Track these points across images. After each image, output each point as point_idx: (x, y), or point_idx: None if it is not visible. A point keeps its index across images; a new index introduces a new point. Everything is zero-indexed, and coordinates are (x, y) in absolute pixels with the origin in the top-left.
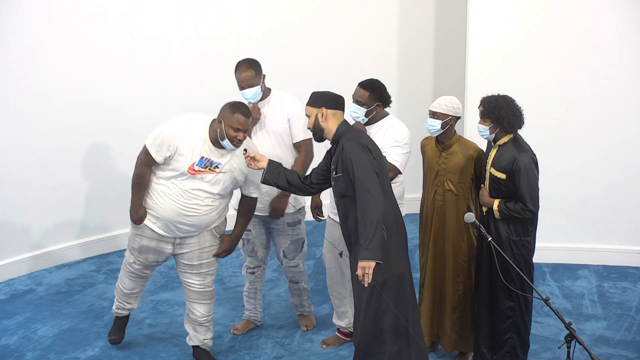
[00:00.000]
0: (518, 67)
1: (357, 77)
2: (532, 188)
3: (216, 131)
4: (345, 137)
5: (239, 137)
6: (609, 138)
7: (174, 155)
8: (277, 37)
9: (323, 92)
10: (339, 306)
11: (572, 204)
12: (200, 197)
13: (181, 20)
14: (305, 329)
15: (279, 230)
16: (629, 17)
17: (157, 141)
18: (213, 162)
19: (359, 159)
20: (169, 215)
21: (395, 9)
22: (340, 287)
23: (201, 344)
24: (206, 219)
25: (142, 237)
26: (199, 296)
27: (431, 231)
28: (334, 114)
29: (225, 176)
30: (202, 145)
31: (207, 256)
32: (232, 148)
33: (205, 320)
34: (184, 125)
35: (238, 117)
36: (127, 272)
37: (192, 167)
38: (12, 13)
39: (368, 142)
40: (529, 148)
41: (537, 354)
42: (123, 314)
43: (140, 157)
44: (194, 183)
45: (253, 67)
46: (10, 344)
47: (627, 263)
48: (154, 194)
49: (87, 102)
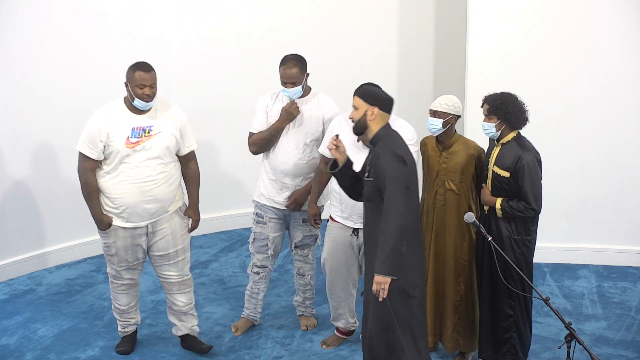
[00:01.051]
0: (518, 67)
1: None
2: (536, 187)
3: (128, 97)
4: (382, 142)
5: (146, 92)
6: (609, 138)
7: (107, 141)
8: (277, 37)
9: (378, 90)
10: (336, 308)
11: (572, 204)
12: (151, 166)
13: (181, 20)
14: (305, 329)
15: (295, 223)
16: (629, 17)
17: (86, 141)
18: (145, 128)
19: (393, 172)
20: (133, 199)
21: (395, 9)
22: (340, 290)
23: (190, 331)
24: (166, 190)
25: (115, 240)
26: (180, 286)
27: (432, 231)
28: (382, 116)
29: (162, 135)
30: (125, 118)
31: (181, 242)
32: (144, 105)
33: (189, 309)
34: (100, 113)
35: (139, 74)
36: (117, 289)
37: (127, 141)
38: (12, 13)
39: (404, 151)
40: (533, 147)
41: (537, 354)
42: (131, 331)
43: (80, 165)
44: (138, 156)
45: (299, 65)
46: (10, 344)
47: (627, 263)
48: (111, 191)
49: (87, 102)
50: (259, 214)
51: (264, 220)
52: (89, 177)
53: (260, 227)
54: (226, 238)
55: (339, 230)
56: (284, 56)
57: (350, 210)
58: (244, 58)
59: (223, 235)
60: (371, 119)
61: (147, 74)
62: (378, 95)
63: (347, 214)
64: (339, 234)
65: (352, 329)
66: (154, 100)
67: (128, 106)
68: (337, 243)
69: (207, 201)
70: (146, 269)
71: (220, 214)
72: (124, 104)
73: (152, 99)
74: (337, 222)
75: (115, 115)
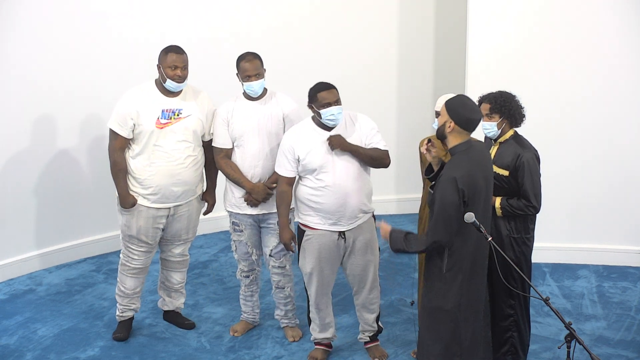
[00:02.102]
0: (518, 67)
1: (357, 77)
2: (536, 184)
3: (160, 79)
4: (454, 159)
5: (178, 73)
6: (609, 138)
7: (137, 120)
8: (277, 37)
9: (462, 106)
10: (323, 318)
11: (572, 204)
12: (181, 149)
13: (181, 20)
14: (292, 340)
15: (269, 229)
16: (629, 17)
17: (117, 119)
18: (174, 110)
19: (445, 199)
20: (163, 181)
21: (395, 9)
22: (327, 299)
23: (175, 308)
24: (193, 174)
25: (138, 218)
26: (178, 265)
27: None
28: (460, 132)
29: (191, 119)
30: (156, 99)
31: (193, 225)
32: (176, 86)
33: (181, 287)
34: (132, 93)
35: (171, 56)
36: (127, 272)
37: (158, 121)
38: (12, 13)
39: (469, 180)
40: (531, 144)
41: (537, 354)
42: (128, 316)
43: (111, 144)
44: (168, 137)
45: (259, 58)
46: (10, 344)
47: (627, 263)
48: (141, 172)
49: (87, 102)
50: (234, 222)
51: (240, 228)
52: (118, 156)
53: (237, 235)
54: (226, 238)
55: (323, 237)
56: (240, 55)
57: (340, 214)
58: None
59: (223, 235)
60: (449, 130)
61: (180, 56)
62: (459, 111)
63: (335, 219)
64: (324, 240)
65: (334, 339)
66: (184, 83)
67: (159, 88)
68: (323, 250)
69: None
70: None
71: (220, 214)
72: (155, 85)
73: (183, 81)
74: (320, 230)
75: (147, 96)
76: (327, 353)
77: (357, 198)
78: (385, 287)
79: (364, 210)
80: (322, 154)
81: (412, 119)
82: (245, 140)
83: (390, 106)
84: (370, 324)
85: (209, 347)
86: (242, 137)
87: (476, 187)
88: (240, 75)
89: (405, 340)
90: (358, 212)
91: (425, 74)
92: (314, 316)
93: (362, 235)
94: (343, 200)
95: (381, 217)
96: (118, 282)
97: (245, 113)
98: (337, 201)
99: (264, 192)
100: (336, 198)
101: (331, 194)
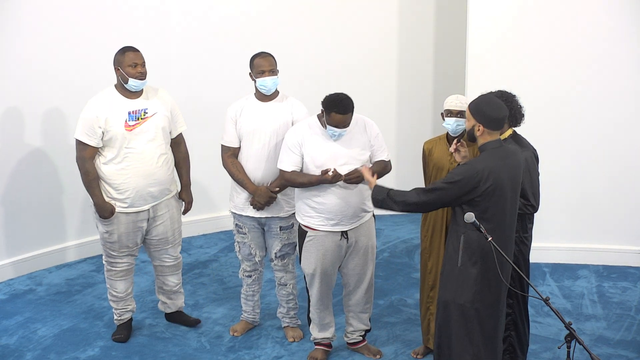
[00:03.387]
0: (518, 66)
1: (357, 77)
2: (535, 183)
3: (121, 81)
4: (482, 155)
5: (139, 70)
6: (608, 138)
7: (106, 126)
8: (277, 36)
9: (486, 107)
10: (324, 318)
11: (572, 204)
12: (152, 148)
13: (181, 19)
14: (292, 340)
15: (272, 233)
16: (628, 16)
17: (84, 130)
18: (140, 111)
19: (457, 176)
20: (140, 183)
21: (395, 9)
22: (328, 298)
23: (178, 308)
24: (166, 172)
25: (118, 226)
26: (173, 269)
27: (441, 233)
28: (490, 133)
29: (158, 117)
30: (120, 103)
31: (177, 225)
32: (139, 84)
33: (179, 287)
34: (94, 100)
35: (129, 55)
36: (114, 276)
37: (126, 124)
38: (12, 13)
39: (490, 174)
40: (529, 144)
41: (537, 354)
42: (127, 318)
43: (79, 155)
44: (139, 138)
45: (273, 57)
46: (10, 344)
47: (627, 263)
48: (115, 178)
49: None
50: (238, 224)
51: (243, 231)
52: (89, 165)
53: (241, 237)
54: (226, 238)
55: (326, 237)
56: (254, 54)
57: (342, 215)
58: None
59: (223, 235)
60: (478, 133)
61: (137, 53)
62: (485, 114)
63: (337, 220)
64: (327, 240)
65: (333, 339)
66: (146, 80)
67: (120, 91)
68: (327, 250)
69: (207, 201)
70: (146, 269)
71: (220, 214)
72: (116, 89)
73: (145, 77)
74: (323, 231)
75: (110, 101)
76: (327, 353)
77: (358, 197)
78: (385, 287)
79: (365, 210)
80: (324, 154)
81: (411, 119)
82: (250, 139)
83: (390, 106)
84: (364, 322)
85: (209, 347)
86: (248, 136)
87: (497, 182)
88: (254, 71)
89: (405, 340)
90: (360, 211)
91: (425, 74)
92: (314, 316)
93: (364, 235)
94: (345, 200)
95: (381, 217)
96: (108, 287)
97: (254, 112)
98: (338, 201)
99: (266, 195)
100: (338, 198)
101: (333, 193)
